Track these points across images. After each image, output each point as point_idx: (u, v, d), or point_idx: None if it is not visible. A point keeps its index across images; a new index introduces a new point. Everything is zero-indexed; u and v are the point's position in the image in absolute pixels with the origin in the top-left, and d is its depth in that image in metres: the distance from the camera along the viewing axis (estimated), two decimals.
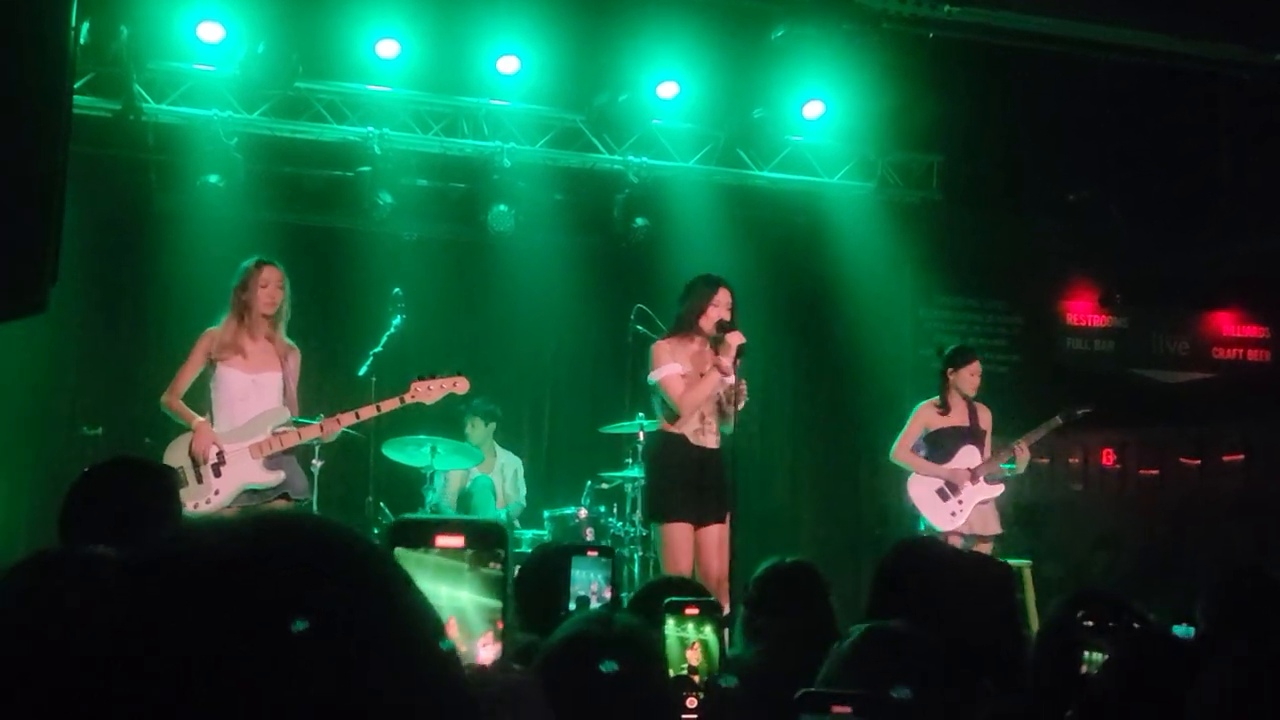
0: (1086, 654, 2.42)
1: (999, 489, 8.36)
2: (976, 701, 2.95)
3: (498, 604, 1.16)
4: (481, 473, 9.39)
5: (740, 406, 6.86)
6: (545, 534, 8.82)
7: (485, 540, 1.20)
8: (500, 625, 1.13)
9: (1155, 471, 13.01)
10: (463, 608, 1.15)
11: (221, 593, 0.82)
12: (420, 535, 1.23)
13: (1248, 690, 1.66)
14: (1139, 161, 11.00)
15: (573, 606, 2.88)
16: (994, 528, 8.36)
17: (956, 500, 8.27)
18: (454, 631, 1.14)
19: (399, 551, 1.22)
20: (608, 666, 2.09)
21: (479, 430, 9.56)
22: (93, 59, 8.78)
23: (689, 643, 2.34)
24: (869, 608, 3.59)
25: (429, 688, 0.86)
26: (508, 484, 9.65)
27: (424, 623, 0.89)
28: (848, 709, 1.90)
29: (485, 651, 1.12)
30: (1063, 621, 2.92)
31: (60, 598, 1.30)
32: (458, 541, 1.20)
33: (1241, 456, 12.42)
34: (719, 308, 6.97)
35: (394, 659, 0.83)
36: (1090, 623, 2.48)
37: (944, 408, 8.38)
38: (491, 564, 1.19)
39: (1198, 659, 2.26)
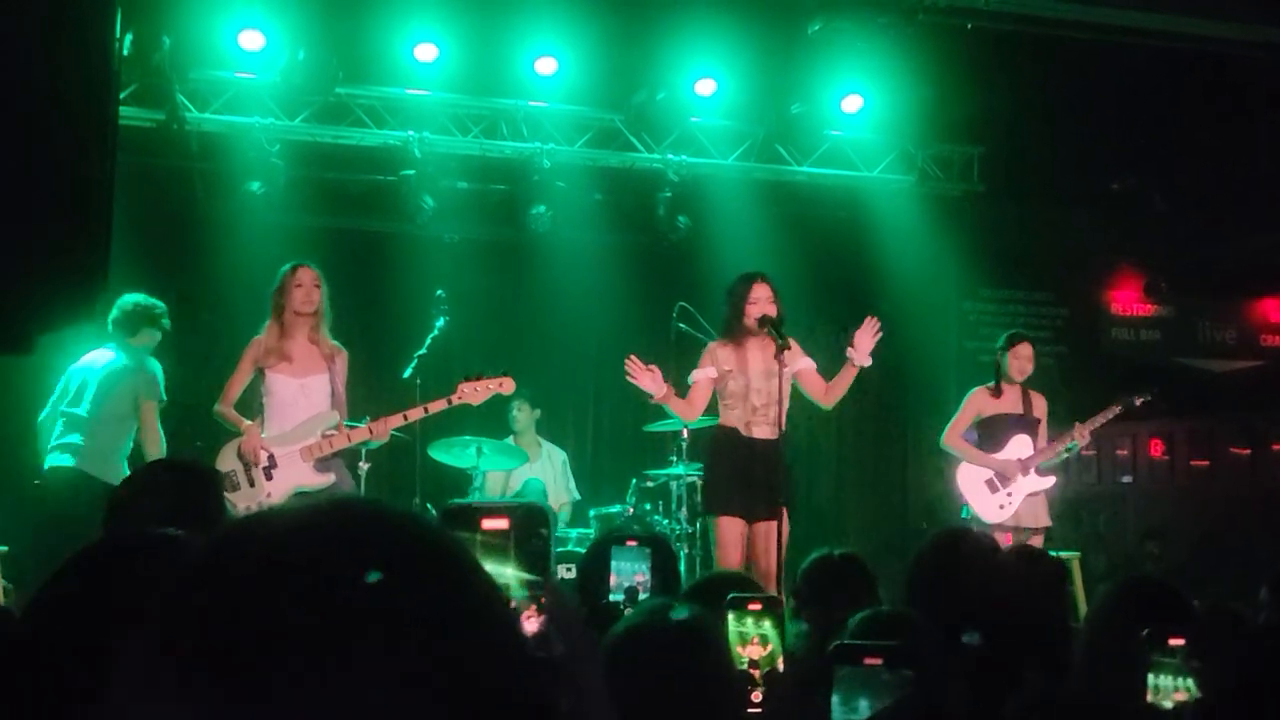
0: (1153, 679, 2.35)
1: (1050, 480, 8.13)
2: (1020, 690, 2.95)
3: (539, 578, 1.20)
4: (528, 466, 9.45)
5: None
6: (591, 532, 8.86)
7: (528, 521, 1.24)
8: (544, 600, 1.17)
9: (1205, 462, 12.90)
10: (508, 584, 1.19)
11: (301, 575, 0.83)
12: (467, 519, 1.27)
13: None
14: (1182, 149, 10.92)
15: (620, 597, 2.90)
16: (1044, 520, 8.13)
17: (1005, 493, 8.05)
18: None
19: None
20: (679, 613, 2.15)
21: (525, 414, 9.60)
22: (136, 70, 8.89)
23: (749, 638, 2.36)
24: (907, 599, 3.59)
25: (502, 662, 0.87)
26: (558, 475, 9.68)
27: (493, 598, 0.90)
28: (879, 660, 1.92)
29: (530, 624, 1.16)
30: (1114, 613, 2.89)
31: (151, 574, 1.33)
32: (502, 524, 1.24)
33: None
34: (757, 303, 7.02)
35: (467, 634, 0.85)
36: (1157, 639, 2.40)
37: (996, 391, 8.25)
38: (534, 542, 1.23)
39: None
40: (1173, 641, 2.27)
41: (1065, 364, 11.76)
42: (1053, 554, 8.17)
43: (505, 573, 1.15)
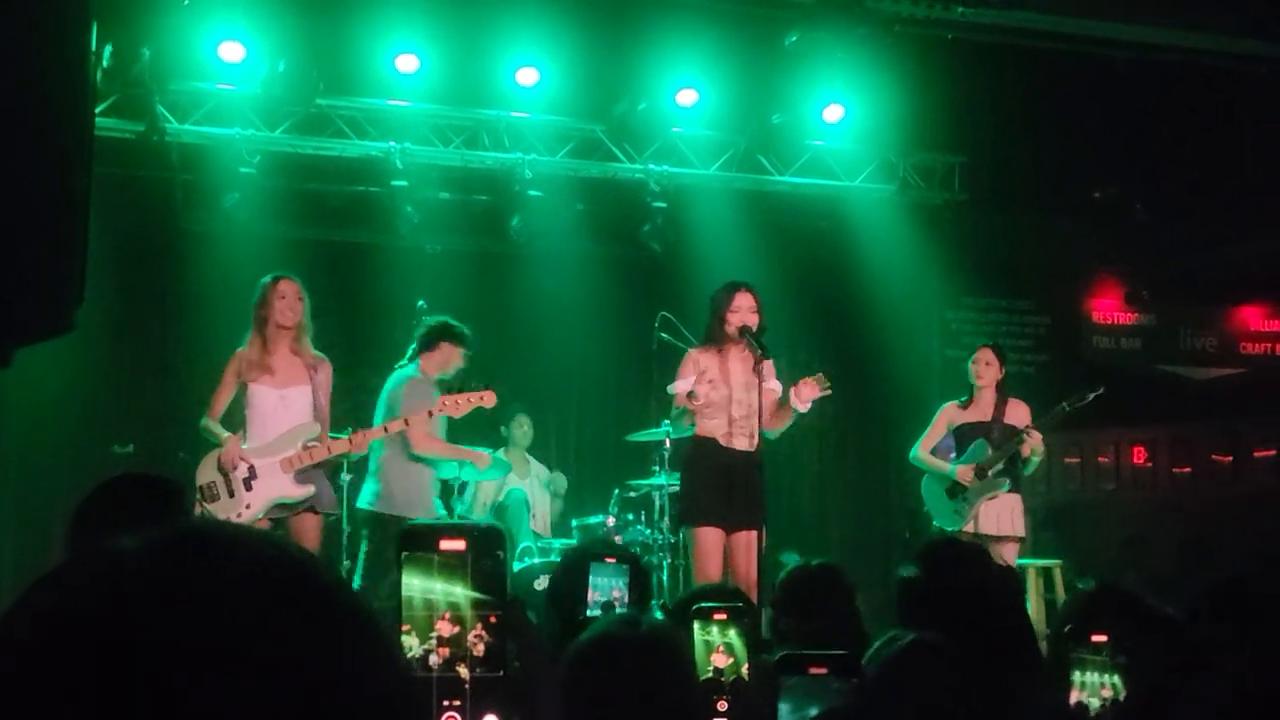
0: (1078, 676, 2.35)
1: (1003, 482, 8.03)
2: (1009, 704, 2.95)
3: (492, 598, 1.20)
4: (516, 484, 9.42)
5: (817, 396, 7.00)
6: (574, 543, 8.85)
7: (484, 543, 1.25)
8: (493, 619, 1.17)
9: (1187, 469, 12.94)
10: (458, 602, 1.19)
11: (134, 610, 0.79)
12: (426, 540, 1.27)
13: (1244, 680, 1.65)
14: (1163, 158, 10.97)
15: (597, 613, 2.90)
16: (1011, 528, 8.03)
17: (961, 498, 8.03)
18: (449, 625, 1.19)
19: (406, 555, 1.26)
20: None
21: (522, 430, 9.58)
22: (116, 81, 8.87)
23: (714, 646, 2.36)
24: (901, 615, 3.58)
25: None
26: (540, 496, 9.65)
27: (379, 660, 0.84)
28: (824, 669, 1.93)
29: (478, 642, 1.16)
30: (1077, 620, 2.90)
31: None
32: (459, 545, 1.25)
33: (1273, 452, 12.35)
34: (739, 312, 7.01)
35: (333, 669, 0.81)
36: (1079, 636, 2.40)
37: (965, 403, 8.23)
38: (488, 562, 1.23)
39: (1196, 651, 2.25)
40: (1095, 638, 2.27)
41: (1047, 373, 11.79)
42: (1026, 562, 8.24)
43: (456, 591, 1.16)
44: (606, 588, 2.93)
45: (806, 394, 7.05)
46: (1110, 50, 9.74)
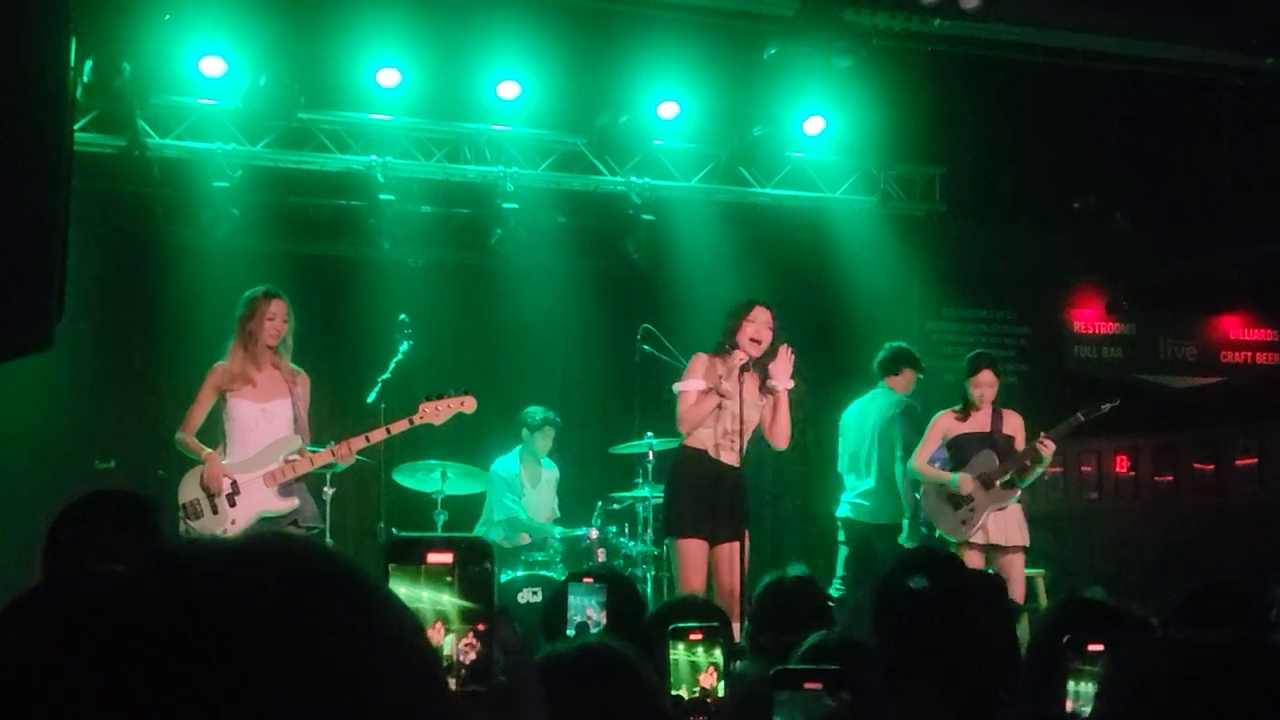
0: (1072, 686, 2.35)
1: (1013, 494, 8.10)
2: (995, 712, 2.95)
3: (479, 606, 1.21)
4: (533, 491, 9.38)
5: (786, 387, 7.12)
6: (556, 556, 8.83)
7: (472, 554, 1.26)
8: (481, 626, 1.18)
9: (1169, 478, 12.99)
10: (445, 610, 1.20)
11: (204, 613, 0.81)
12: (413, 552, 1.29)
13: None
14: (1143, 167, 11.04)
15: (571, 633, 2.91)
16: (1018, 538, 8.07)
17: (967, 508, 8.05)
18: (439, 634, 1.20)
19: (393, 567, 1.27)
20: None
21: (548, 440, 9.50)
22: (96, 96, 8.87)
23: (703, 666, 2.35)
24: (874, 629, 3.58)
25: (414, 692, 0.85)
26: (544, 496, 9.60)
27: (406, 629, 0.88)
28: (819, 685, 1.93)
29: (468, 651, 1.17)
30: (1049, 634, 2.90)
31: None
32: (447, 558, 1.26)
33: (1254, 460, 12.41)
34: (755, 323, 7.02)
35: (376, 662, 0.83)
36: (1076, 646, 2.40)
37: (963, 414, 8.28)
38: (475, 571, 1.24)
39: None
40: (1092, 648, 2.27)
41: (1028, 382, 11.82)
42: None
43: (442, 600, 1.17)
44: (580, 607, 2.93)
45: (783, 371, 7.07)
46: (1088, 61, 9.80)
